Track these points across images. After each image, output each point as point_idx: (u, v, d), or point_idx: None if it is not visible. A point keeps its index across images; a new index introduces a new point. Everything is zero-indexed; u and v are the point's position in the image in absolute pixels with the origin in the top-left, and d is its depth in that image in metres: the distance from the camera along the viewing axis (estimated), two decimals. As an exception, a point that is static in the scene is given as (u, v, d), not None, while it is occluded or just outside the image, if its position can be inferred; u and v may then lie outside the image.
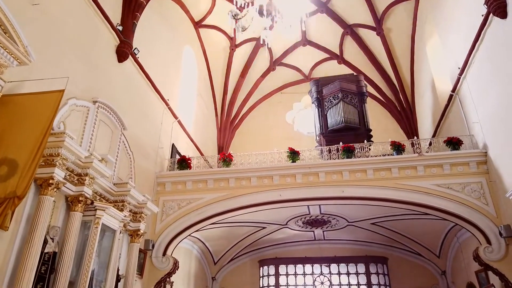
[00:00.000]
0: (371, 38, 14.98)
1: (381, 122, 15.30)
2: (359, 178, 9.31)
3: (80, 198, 6.32)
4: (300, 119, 16.91)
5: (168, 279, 9.60)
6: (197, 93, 14.26)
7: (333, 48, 16.06)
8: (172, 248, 9.56)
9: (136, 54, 9.23)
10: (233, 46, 15.30)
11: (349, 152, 9.58)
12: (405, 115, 15.22)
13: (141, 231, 8.19)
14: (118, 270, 7.57)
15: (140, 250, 8.86)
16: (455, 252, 11.37)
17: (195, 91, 14.07)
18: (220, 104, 16.22)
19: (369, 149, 9.82)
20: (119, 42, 8.58)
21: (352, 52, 15.78)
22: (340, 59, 16.15)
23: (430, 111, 13.17)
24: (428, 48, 12.72)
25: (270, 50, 15.84)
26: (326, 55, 16.31)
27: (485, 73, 8.52)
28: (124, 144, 8.58)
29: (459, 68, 9.60)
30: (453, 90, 10.29)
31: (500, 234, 8.02)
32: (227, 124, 16.43)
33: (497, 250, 8.05)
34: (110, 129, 8.03)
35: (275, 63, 16.62)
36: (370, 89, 15.44)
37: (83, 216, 6.45)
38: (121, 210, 7.41)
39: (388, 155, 9.55)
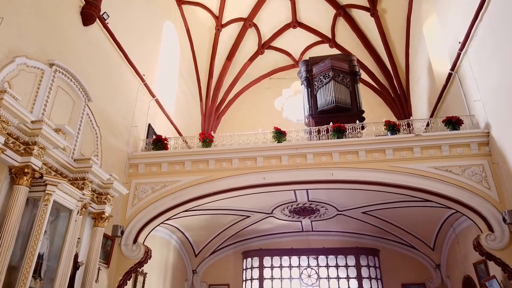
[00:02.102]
0: (365, 20, 14.21)
1: (374, 110, 14.52)
2: (350, 160, 8.52)
3: (26, 170, 5.41)
4: (290, 106, 16.10)
5: (139, 269, 8.73)
6: (179, 74, 13.34)
7: (325, 31, 15.26)
8: (144, 235, 8.67)
9: (105, 20, 8.30)
10: (219, 26, 14.40)
11: (339, 133, 8.78)
12: (399, 102, 14.49)
13: (106, 214, 7.29)
14: (76, 256, 6.69)
15: (107, 237, 7.99)
16: (451, 244, 10.68)
17: (176, 71, 13.15)
18: (205, 88, 15.32)
19: (362, 128, 9.02)
20: (84, 3, 7.65)
21: (345, 35, 15.00)
22: (332, 42, 15.35)
23: (426, 96, 12.44)
24: (425, 28, 11.98)
25: (258, 31, 14.97)
26: (318, 38, 15.49)
27: (489, 46, 7.79)
28: (89, 117, 7.67)
29: (459, 42, 8.86)
30: (452, 69, 9.55)
31: (504, 220, 7.29)
32: (212, 110, 15.54)
33: (500, 238, 7.32)
34: (72, 98, 7.12)
35: (263, 46, 15.75)
36: (364, 75, 14.69)
37: (31, 192, 5.55)
38: (81, 188, 6.52)
39: (382, 135, 8.77)
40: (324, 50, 15.33)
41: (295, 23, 15.14)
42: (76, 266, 6.61)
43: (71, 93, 7.08)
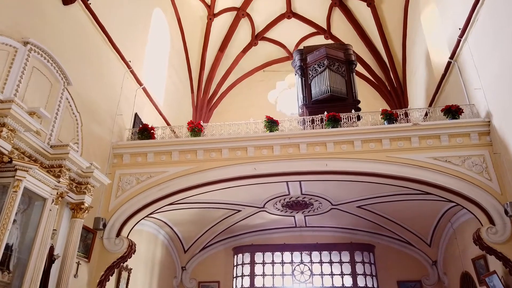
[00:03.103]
0: (361, 11, 13.85)
1: (369, 103, 14.12)
2: (345, 150, 8.13)
3: (-6, 154, 4.98)
4: (284, 99, 15.65)
5: (123, 264, 8.29)
6: (170, 64, 12.87)
7: (320, 21, 14.87)
8: (128, 229, 8.22)
9: (87, 0, 7.84)
10: (211, 15, 13.96)
11: (334, 122, 8.39)
12: (396, 95, 14.15)
13: (86, 205, 6.85)
14: (52, 249, 6.26)
15: (88, 230, 7.55)
16: (448, 240, 10.34)
17: (166, 61, 12.69)
18: (196, 80, 14.86)
19: (358, 119, 8.64)
20: (64, -20, 7.19)
21: (341, 26, 14.62)
22: (328, 34, 14.96)
23: (424, 87, 12.10)
24: (423, 18, 11.64)
25: (252, 22, 14.55)
26: (313, 30, 15.11)
27: (490, 31, 7.44)
28: (69, 102, 7.21)
29: (459, 29, 8.50)
30: (451, 57, 9.20)
31: (506, 212, 6.93)
32: (204, 102, 15.09)
33: (502, 231, 6.98)
34: (49, 81, 6.66)
35: (257, 37, 15.33)
36: (359, 68, 14.31)
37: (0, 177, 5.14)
38: (58, 176, 6.08)
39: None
40: (319, 41, 14.84)
41: (290, 13, 14.74)
42: (51, 259, 6.18)
43: (48, 75, 6.63)
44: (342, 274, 10.69)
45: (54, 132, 6.66)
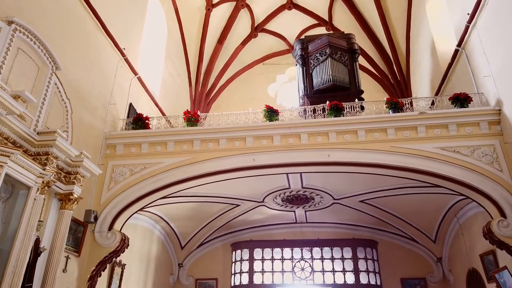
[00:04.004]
0: (364, 1, 13.48)
1: (372, 97, 13.51)
2: (348, 140, 7.77)
3: (-29, 136, 4.62)
4: (284, 92, 15.28)
5: (116, 259, 7.94)
6: (167, 55, 12.51)
7: (322, 13, 14.50)
8: (121, 222, 7.87)
9: (79, -18, 7.49)
10: (210, 5, 13.58)
11: (337, 111, 8.02)
12: (399, 88, 13.78)
13: (75, 196, 6.49)
14: (38, 241, 5.91)
15: (79, 222, 7.19)
16: (454, 235, 9.99)
17: (163, 52, 12.33)
18: (194, 73, 14.49)
19: (361, 109, 8.28)
20: (52, -42, 6.83)
21: (343, 17, 14.24)
22: (329, 25, 14.58)
23: (428, 79, 11.73)
24: (428, 7, 11.25)
25: (251, 13, 14.17)
26: (314, 21, 14.71)
27: (500, 15, 7.08)
28: (58, 88, 6.85)
29: (468, 14, 8.13)
30: (459, 45, 8.83)
31: (518, 204, 6.59)
32: (202, 95, 14.73)
33: (514, 224, 6.62)
34: (36, 64, 6.29)
35: (257, 29, 14.95)
36: (362, 61, 13.96)
37: (-21, 163, 4.78)
38: (44, 164, 5.72)
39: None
40: (321, 33, 14.54)
41: (290, 4, 14.36)
42: (37, 252, 5.83)
43: (35, 58, 6.26)
44: (344, 271, 10.33)
45: (41, 119, 6.29)
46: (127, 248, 7.76)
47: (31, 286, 5.58)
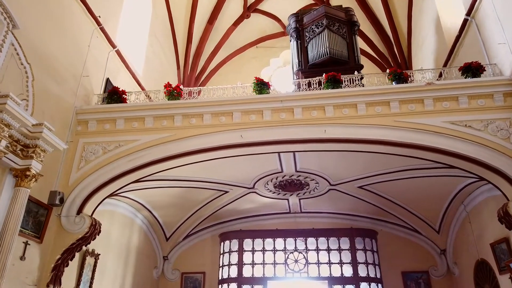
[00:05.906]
0: (363, -21, 12.70)
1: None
2: (347, 114, 6.96)
3: None
4: (278, 77, 14.51)
5: (86, 247, 7.10)
6: (151, 33, 11.63)
7: (318, -8, 13.71)
8: (92, 206, 7.01)
9: None
10: (199, -19, 12.75)
11: (334, 83, 7.22)
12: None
13: (33, 172, 5.64)
14: (-15, 222, 5.05)
15: (42, 205, 6.34)
16: (460, 225, 9.25)
17: (147, 29, 11.45)
18: (183, 55, 13.63)
19: (360, 80, 7.47)
20: None
21: (340, -4, 13.42)
22: (326, 5, 13.68)
23: (432, 59, 10.94)
24: (432, -20, 10.49)
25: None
26: (310, 1, 13.90)
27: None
28: (15, 49, 5.98)
29: (479, -24, 7.36)
30: (468, 14, 8.05)
31: (539, 183, 5.81)
32: (191, 79, 13.87)
33: (534, 206, 5.85)
34: (-14, 18, 5.44)
35: (249, 8, 14.12)
36: (360, 43, 13.10)
37: None
38: (-7, 133, 4.88)
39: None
40: (317, 14, 13.74)
41: (285, -18, 13.57)
42: (-17, 234, 4.98)
43: (-16, 11, 5.41)
44: (341, 263, 9.51)
45: (-7, 82, 5.45)
46: (98, 235, 6.91)
47: (-27, 273, 4.74)
